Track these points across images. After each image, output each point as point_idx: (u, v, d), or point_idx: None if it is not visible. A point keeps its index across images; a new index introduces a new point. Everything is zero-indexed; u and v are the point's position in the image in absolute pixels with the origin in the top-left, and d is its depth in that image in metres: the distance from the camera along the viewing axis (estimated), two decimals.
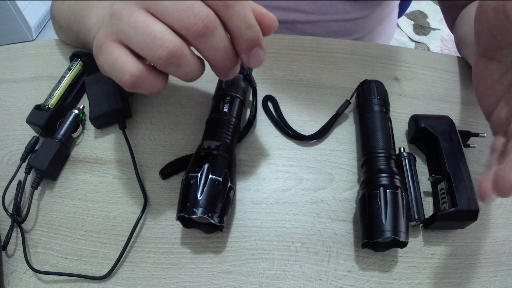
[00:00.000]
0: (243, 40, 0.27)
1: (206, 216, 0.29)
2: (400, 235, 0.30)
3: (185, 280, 0.32)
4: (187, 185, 0.31)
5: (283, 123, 0.40)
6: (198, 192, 0.30)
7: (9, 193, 0.35)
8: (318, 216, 0.35)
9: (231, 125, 0.35)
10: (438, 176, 0.35)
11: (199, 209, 0.29)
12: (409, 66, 0.46)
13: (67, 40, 0.47)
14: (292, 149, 0.39)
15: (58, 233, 0.34)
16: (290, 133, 0.39)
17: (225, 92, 0.37)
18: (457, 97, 0.44)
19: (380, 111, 0.37)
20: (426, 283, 0.32)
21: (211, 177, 0.30)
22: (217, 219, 0.30)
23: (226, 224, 0.32)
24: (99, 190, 0.36)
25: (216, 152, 0.32)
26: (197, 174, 0.31)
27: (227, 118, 0.36)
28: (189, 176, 0.31)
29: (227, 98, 0.37)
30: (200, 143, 0.34)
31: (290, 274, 0.32)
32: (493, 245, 0.35)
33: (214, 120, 0.36)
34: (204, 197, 0.30)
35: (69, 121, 0.38)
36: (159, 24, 0.24)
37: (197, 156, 0.33)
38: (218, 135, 0.34)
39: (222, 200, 0.31)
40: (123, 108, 0.38)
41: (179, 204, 0.31)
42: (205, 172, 0.31)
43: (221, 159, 0.32)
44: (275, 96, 0.42)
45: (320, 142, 0.39)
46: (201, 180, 0.30)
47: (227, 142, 0.34)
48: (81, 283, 0.32)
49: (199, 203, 0.29)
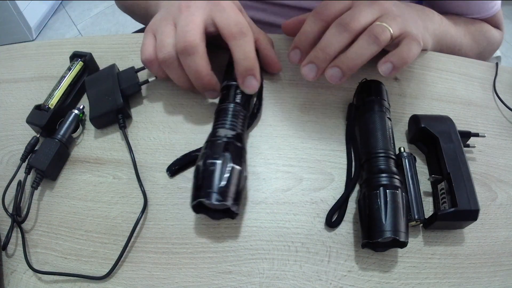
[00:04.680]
0: (238, 67, 0.36)
1: (228, 204, 0.30)
2: (400, 235, 0.30)
3: (185, 280, 0.32)
4: (206, 171, 0.31)
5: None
6: (219, 179, 0.30)
7: (9, 193, 0.35)
8: (318, 216, 0.35)
9: (242, 115, 0.36)
10: (438, 176, 0.35)
11: (220, 196, 0.30)
12: (409, 66, 0.46)
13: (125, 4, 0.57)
14: (292, 149, 0.39)
15: (58, 233, 0.34)
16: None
17: (237, 82, 0.37)
18: (457, 97, 0.44)
19: (380, 111, 0.37)
20: (426, 283, 0.32)
21: (233, 166, 0.31)
22: (236, 207, 0.31)
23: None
24: (99, 190, 0.36)
25: (232, 141, 0.33)
26: (217, 161, 0.31)
27: (239, 108, 0.36)
28: (208, 163, 0.31)
29: (239, 89, 0.37)
30: (214, 130, 0.34)
31: (290, 274, 0.32)
32: (493, 245, 0.35)
33: (228, 109, 0.36)
34: (225, 184, 0.30)
35: (69, 121, 0.38)
36: (171, 37, 0.36)
37: (213, 143, 0.33)
38: (233, 125, 0.35)
39: (240, 189, 0.32)
40: (123, 108, 0.38)
41: (196, 189, 0.31)
42: (226, 160, 0.31)
43: (238, 149, 0.33)
44: (276, 96, 0.42)
45: (320, 142, 0.39)
46: (222, 168, 0.31)
47: (240, 132, 0.35)
48: (81, 283, 0.32)
49: (220, 190, 0.30)
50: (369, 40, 0.34)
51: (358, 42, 0.35)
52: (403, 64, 0.35)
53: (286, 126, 0.40)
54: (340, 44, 0.35)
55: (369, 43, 0.34)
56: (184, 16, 0.35)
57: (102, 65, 0.44)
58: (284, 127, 0.40)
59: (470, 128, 0.39)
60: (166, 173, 0.37)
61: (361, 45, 0.34)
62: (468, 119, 0.42)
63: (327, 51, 0.35)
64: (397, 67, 0.35)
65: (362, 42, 0.34)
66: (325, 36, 0.36)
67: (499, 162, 0.40)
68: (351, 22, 0.35)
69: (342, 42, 0.35)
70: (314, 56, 0.36)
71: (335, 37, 0.35)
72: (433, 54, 0.48)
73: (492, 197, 0.37)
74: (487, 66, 0.48)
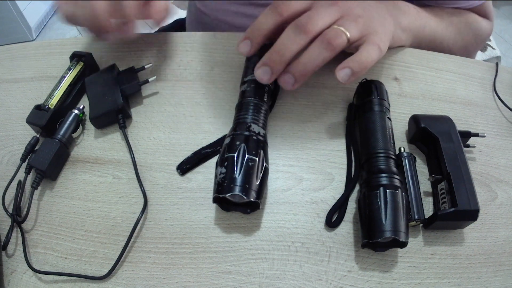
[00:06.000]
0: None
1: (259, 201, 0.31)
2: (400, 235, 0.30)
3: (185, 280, 0.32)
4: (248, 167, 0.31)
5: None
6: (256, 177, 0.32)
7: (9, 193, 0.35)
8: (318, 216, 0.35)
9: (267, 115, 0.38)
10: (438, 176, 0.35)
11: (255, 194, 0.31)
12: (409, 66, 0.46)
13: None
14: (292, 149, 0.39)
15: (58, 233, 0.34)
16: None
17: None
18: (457, 97, 0.44)
19: (380, 111, 0.37)
20: (426, 283, 0.32)
21: (265, 166, 0.33)
22: (259, 200, 0.32)
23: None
24: (99, 190, 0.36)
25: (263, 139, 0.34)
26: (256, 158, 0.32)
27: (267, 108, 0.38)
28: (249, 158, 0.32)
29: (266, 88, 0.37)
30: (248, 125, 0.34)
31: (290, 274, 0.32)
32: (493, 245, 0.35)
33: (260, 106, 0.36)
34: (260, 183, 0.32)
35: (69, 121, 0.38)
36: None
37: (248, 139, 0.33)
38: (263, 123, 0.36)
39: (266, 184, 0.34)
40: (123, 108, 0.38)
41: (238, 185, 0.31)
42: (261, 159, 0.33)
43: (266, 147, 0.35)
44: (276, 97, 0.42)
45: (320, 142, 0.39)
46: (258, 166, 0.32)
47: (266, 131, 0.36)
48: (81, 283, 0.32)
49: (255, 188, 0.31)
50: (322, 46, 0.33)
51: (311, 48, 0.34)
52: (362, 70, 0.34)
53: (286, 126, 0.40)
54: (296, 46, 0.34)
55: (322, 49, 0.33)
56: None
57: (102, 65, 0.44)
58: (284, 127, 0.40)
59: (470, 128, 0.39)
60: (166, 173, 0.37)
61: (313, 51, 0.34)
62: (468, 119, 0.42)
63: (282, 54, 0.34)
64: (355, 72, 0.34)
65: (315, 48, 0.34)
66: (281, 38, 0.34)
67: (499, 162, 0.40)
68: (308, 24, 0.34)
69: (298, 45, 0.34)
70: (268, 58, 0.34)
71: (291, 39, 0.34)
72: (433, 54, 0.48)
73: (492, 197, 0.37)
74: (487, 66, 0.48)
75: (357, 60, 0.34)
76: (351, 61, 0.34)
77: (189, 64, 0.44)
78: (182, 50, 0.46)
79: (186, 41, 0.46)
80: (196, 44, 0.46)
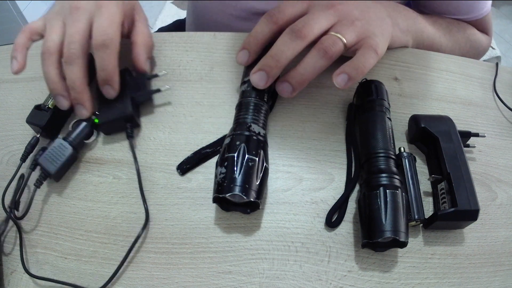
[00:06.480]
0: (98, 76, 0.36)
1: (258, 201, 0.32)
2: (400, 235, 0.30)
3: (185, 280, 0.32)
4: (248, 167, 0.32)
5: None
6: (256, 177, 0.32)
7: (9, 193, 0.35)
8: (318, 216, 0.35)
9: (267, 115, 0.38)
10: (438, 176, 0.35)
11: (255, 194, 0.31)
12: (409, 66, 0.46)
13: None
14: (292, 149, 0.39)
15: (58, 233, 0.34)
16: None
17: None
18: (457, 97, 0.44)
19: (380, 111, 0.37)
20: (426, 283, 0.32)
21: (265, 166, 0.33)
22: (259, 200, 0.32)
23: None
24: (99, 190, 0.36)
25: (263, 139, 0.34)
26: (256, 158, 0.32)
27: (267, 108, 0.38)
28: (249, 158, 0.32)
29: (267, 88, 0.37)
30: (248, 125, 0.34)
31: (290, 274, 0.32)
32: (493, 245, 0.35)
33: (260, 106, 0.36)
34: (259, 183, 0.32)
35: (83, 126, 0.37)
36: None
37: (248, 139, 0.33)
38: (263, 123, 0.36)
39: (266, 184, 0.34)
40: (132, 116, 0.38)
41: (238, 185, 0.31)
42: (261, 159, 0.33)
43: (266, 147, 0.35)
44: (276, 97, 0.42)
45: (320, 142, 0.39)
46: (258, 166, 0.32)
47: (266, 131, 0.36)
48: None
49: (255, 188, 0.31)
50: (318, 55, 0.33)
51: (307, 57, 0.34)
52: (359, 75, 0.34)
53: (286, 126, 0.40)
54: (292, 52, 0.34)
55: (318, 58, 0.33)
56: (72, 19, 0.35)
57: None
58: (284, 127, 0.40)
59: (470, 128, 0.39)
60: (166, 173, 0.37)
61: (310, 60, 0.34)
62: (468, 119, 0.42)
63: (278, 59, 0.34)
64: (353, 77, 0.34)
65: (311, 57, 0.34)
66: (277, 44, 0.35)
67: (499, 162, 0.40)
68: (304, 29, 0.34)
69: (294, 50, 0.34)
70: (264, 63, 0.35)
71: (287, 44, 0.34)
72: (433, 54, 0.48)
73: (492, 197, 0.37)
74: (487, 66, 0.48)
75: (354, 66, 0.34)
76: (347, 66, 0.34)
77: (189, 64, 0.44)
78: (182, 50, 0.45)
79: (186, 41, 0.46)
80: (196, 44, 0.46)
